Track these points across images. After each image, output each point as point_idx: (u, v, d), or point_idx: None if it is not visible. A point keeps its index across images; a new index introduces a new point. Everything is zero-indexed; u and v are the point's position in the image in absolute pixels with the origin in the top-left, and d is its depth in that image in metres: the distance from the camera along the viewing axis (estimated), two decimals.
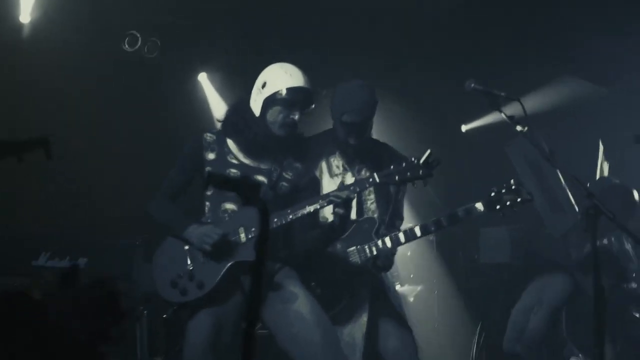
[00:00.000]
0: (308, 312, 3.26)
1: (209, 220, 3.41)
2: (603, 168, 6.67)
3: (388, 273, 3.88)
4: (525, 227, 6.77)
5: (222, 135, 3.53)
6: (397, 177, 3.33)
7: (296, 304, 3.28)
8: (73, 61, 5.43)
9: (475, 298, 6.68)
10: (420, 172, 3.33)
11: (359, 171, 3.78)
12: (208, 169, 3.45)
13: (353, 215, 3.73)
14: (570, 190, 6.72)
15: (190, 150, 3.51)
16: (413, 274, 6.17)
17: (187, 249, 3.34)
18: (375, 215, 3.73)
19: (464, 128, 8.06)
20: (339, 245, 3.68)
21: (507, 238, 6.66)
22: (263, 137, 3.44)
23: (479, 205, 3.53)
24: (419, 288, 6.16)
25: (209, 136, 3.52)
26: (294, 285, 3.35)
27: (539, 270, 5.36)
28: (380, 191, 3.78)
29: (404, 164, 3.35)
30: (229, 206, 3.41)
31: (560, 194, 6.94)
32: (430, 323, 6.12)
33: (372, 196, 3.77)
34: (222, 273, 3.27)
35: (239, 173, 3.45)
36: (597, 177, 6.40)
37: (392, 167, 3.35)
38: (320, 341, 3.20)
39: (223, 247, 3.26)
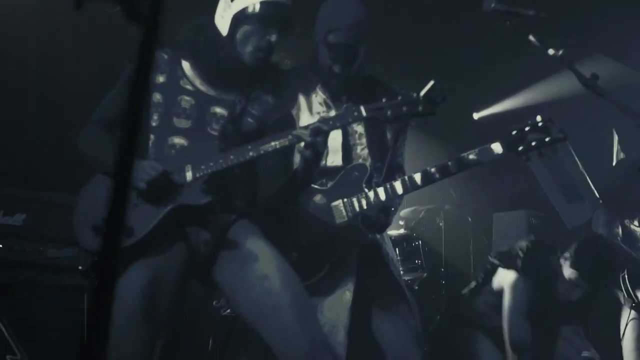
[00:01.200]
0: (273, 272, 2.56)
1: (152, 157, 2.72)
2: (619, 155, 6.15)
3: (385, 236, 3.18)
4: (545, 214, 6.09)
5: (177, 56, 2.85)
6: (389, 112, 2.62)
7: (258, 263, 2.58)
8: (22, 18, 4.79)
9: None
10: (420, 107, 2.62)
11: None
12: (156, 94, 2.77)
13: (339, 162, 3.03)
14: (587, 174, 6.10)
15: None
16: (419, 259, 5.44)
17: None
18: (367, 163, 3.03)
19: (476, 116, 7.45)
20: (320, 199, 2.98)
21: (525, 225, 5.94)
22: (229, 62, 2.76)
23: (496, 146, 2.81)
24: (424, 275, 5.43)
25: (160, 55, 2.84)
26: (254, 240, 2.65)
27: None
28: (373, 135, 3.09)
29: (399, 97, 2.65)
30: (178, 140, 2.72)
31: (578, 180, 6.26)
32: (434, 314, 5.38)
33: (363, 140, 3.07)
34: (158, 219, 2.56)
35: (193, 102, 2.77)
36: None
37: (384, 100, 2.65)
38: (288, 307, 2.49)
39: (163, 188, 2.57)
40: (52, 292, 3.58)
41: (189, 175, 2.60)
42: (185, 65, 2.83)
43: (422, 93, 2.63)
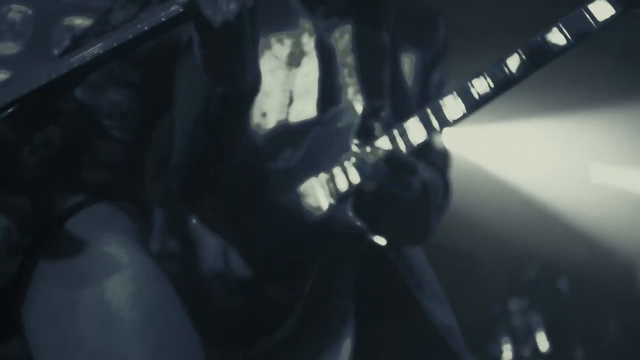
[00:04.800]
0: (124, 299, 1.19)
1: None
2: None
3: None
4: None
5: None
6: None
7: (104, 284, 1.22)
8: None
9: None
10: None
11: (328, 28, 1.74)
12: None
13: (312, 112, 1.66)
14: None
15: None
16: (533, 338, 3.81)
17: None
18: (358, 106, 1.63)
19: None
20: (280, 182, 1.61)
21: None
22: None
23: (601, 6, 1.35)
24: None
25: None
26: (111, 241, 1.29)
27: None
28: (374, 66, 1.72)
29: None
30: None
31: None
32: None
33: (354, 77, 1.70)
34: None
35: (28, 12, 1.52)
36: None
37: None
38: None
39: None
40: None
41: None
42: None
43: None
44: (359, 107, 1.58)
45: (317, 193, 1.54)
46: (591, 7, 1.35)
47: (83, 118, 1.40)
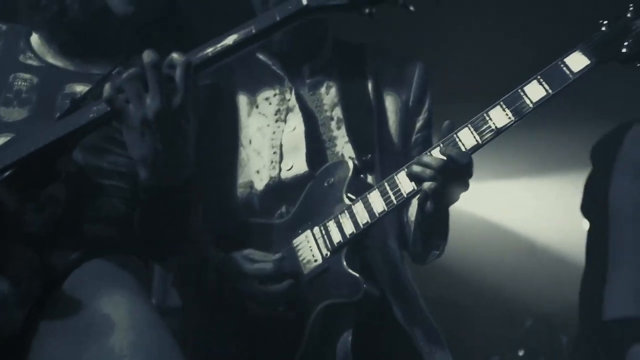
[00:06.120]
0: (129, 354, 1.24)
1: None
2: None
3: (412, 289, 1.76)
4: None
5: (23, 26, 1.72)
6: None
7: (110, 336, 1.26)
8: None
9: None
10: None
11: (315, 84, 1.81)
12: None
13: (303, 167, 1.71)
14: None
15: None
16: None
17: None
18: (350, 160, 1.68)
19: None
20: (274, 240, 1.65)
21: None
22: (82, 12, 1.60)
23: (576, 59, 1.43)
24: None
25: None
26: (112, 295, 1.34)
27: None
28: (362, 118, 1.78)
29: None
30: (4, 140, 1.51)
31: None
32: None
33: (344, 130, 1.76)
34: None
35: (34, 80, 1.60)
36: None
37: None
38: None
39: None
40: None
41: None
42: (35, 38, 1.69)
43: None
44: (349, 161, 1.64)
45: (311, 245, 1.58)
46: (567, 60, 1.43)
47: (84, 179, 1.46)
